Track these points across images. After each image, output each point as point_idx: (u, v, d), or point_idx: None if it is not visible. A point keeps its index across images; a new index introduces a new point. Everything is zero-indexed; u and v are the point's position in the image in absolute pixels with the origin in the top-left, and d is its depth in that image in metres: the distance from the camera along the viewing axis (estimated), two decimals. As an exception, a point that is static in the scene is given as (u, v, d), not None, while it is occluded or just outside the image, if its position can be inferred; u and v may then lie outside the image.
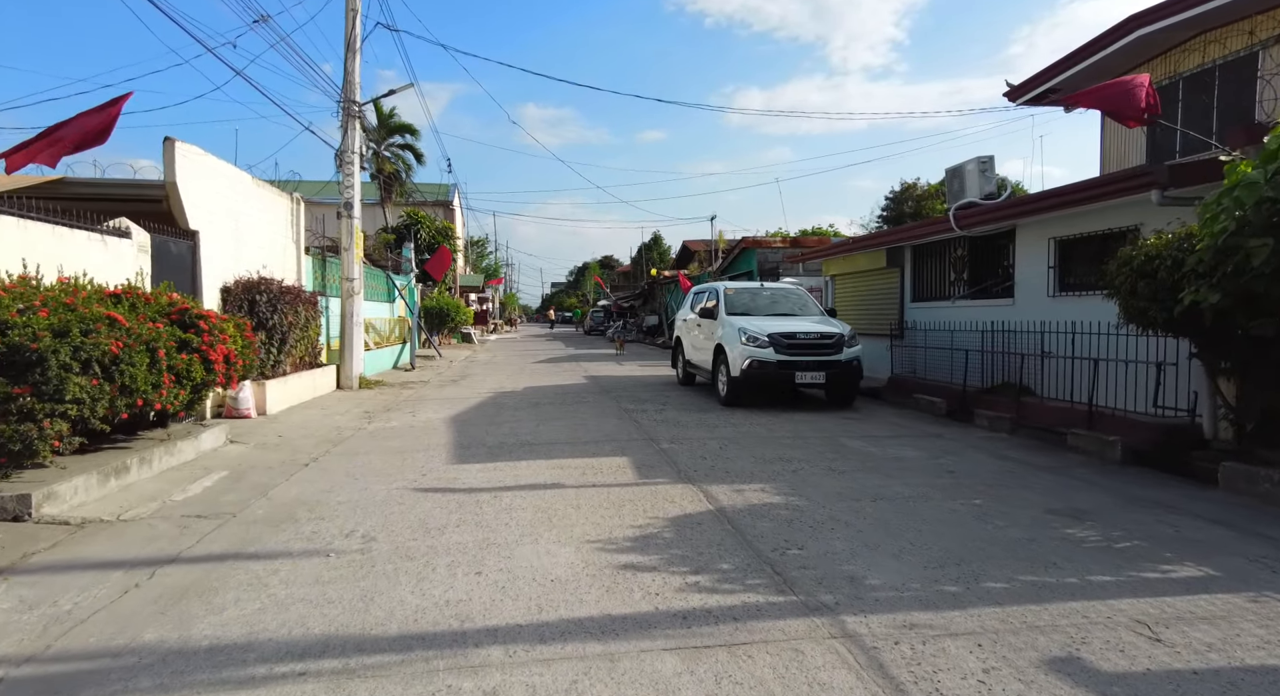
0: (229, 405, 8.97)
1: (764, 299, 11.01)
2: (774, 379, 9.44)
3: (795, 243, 20.49)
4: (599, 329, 42.67)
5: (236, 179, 9.84)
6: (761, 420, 8.72)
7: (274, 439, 7.67)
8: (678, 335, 13.12)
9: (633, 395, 11.48)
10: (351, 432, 8.12)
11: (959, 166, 10.21)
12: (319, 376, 11.57)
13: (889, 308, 12.48)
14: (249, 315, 9.36)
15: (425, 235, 26.98)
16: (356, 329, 12.73)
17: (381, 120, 27.46)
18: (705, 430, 7.98)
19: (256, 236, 10.49)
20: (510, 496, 5.16)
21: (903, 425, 8.49)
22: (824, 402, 10.49)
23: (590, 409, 9.85)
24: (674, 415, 9.18)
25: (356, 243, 12.68)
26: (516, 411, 9.64)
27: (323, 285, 13.61)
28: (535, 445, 7.18)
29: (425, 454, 6.79)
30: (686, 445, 7.10)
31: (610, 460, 6.41)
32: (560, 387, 12.76)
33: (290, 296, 10.25)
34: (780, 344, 9.35)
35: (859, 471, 5.97)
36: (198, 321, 6.25)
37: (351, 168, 12.39)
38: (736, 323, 9.91)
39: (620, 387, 12.69)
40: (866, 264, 12.97)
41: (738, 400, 9.80)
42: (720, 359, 10.11)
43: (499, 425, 8.47)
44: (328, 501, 5.10)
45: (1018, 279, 9.21)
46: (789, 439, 7.45)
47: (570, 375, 15.43)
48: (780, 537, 4.18)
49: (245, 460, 6.54)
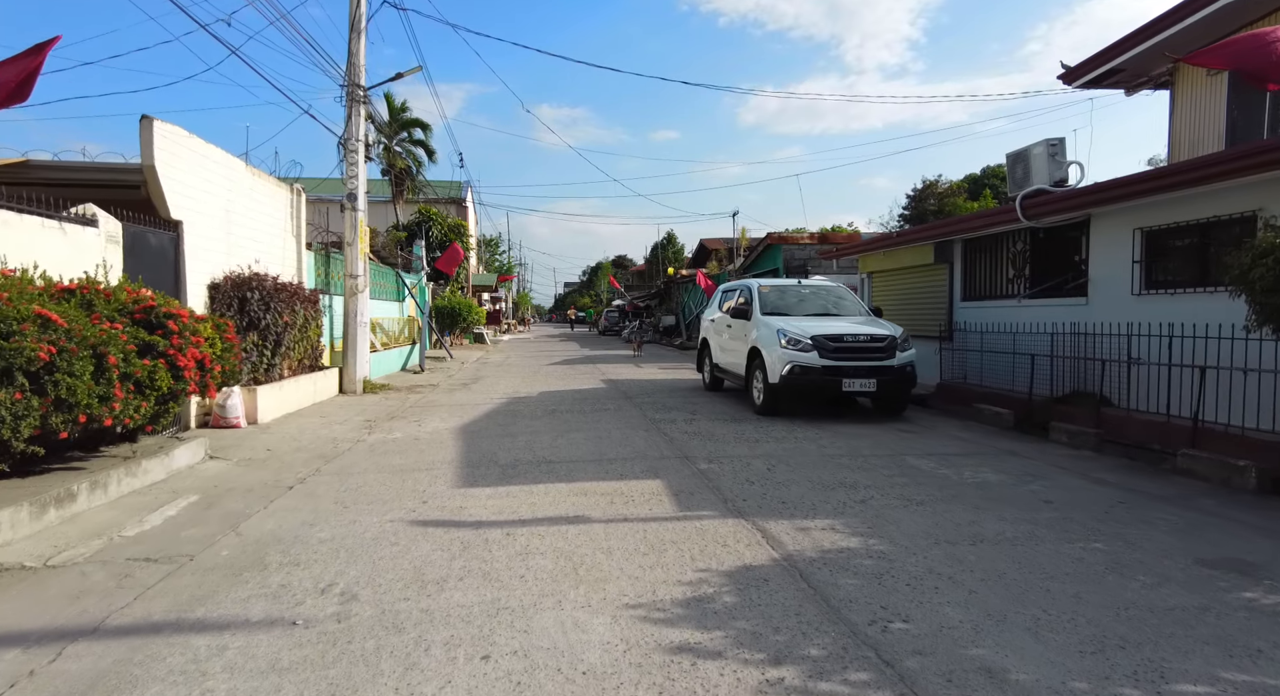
0: (216, 414, 8.15)
1: (802, 297, 10.06)
2: (817, 386, 8.49)
3: (823, 239, 19.47)
4: (614, 329, 41.77)
5: (228, 166, 9.02)
6: (807, 433, 7.77)
7: (261, 453, 6.83)
8: (704, 336, 12.19)
9: (657, 402, 10.56)
10: (349, 445, 7.26)
11: (1024, 151, 9.19)
12: (319, 380, 10.75)
13: (935, 307, 11.48)
14: (239, 314, 8.54)
15: (437, 233, 26.21)
16: (361, 329, 11.90)
17: (393, 114, 26.70)
18: (746, 446, 7.04)
19: (251, 229, 9.68)
20: (526, 534, 4.26)
21: (969, 440, 7.51)
22: (869, 410, 9.53)
23: (613, 418, 8.95)
24: (706, 426, 8.25)
25: (361, 237, 11.85)
26: (532, 421, 8.76)
27: (326, 282, 12.81)
28: (554, 464, 6.28)
29: (428, 474, 5.91)
30: (728, 465, 6.17)
31: (642, 484, 5.50)
32: (578, 393, 11.86)
33: (286, 294, 9.43)
34: (825, 347, 8.39)
35: (940, 501, 5.02)
36: (166, 321, 5.41)
37: (356, 156, 11.57)
38: (774, 323, 8.96)
39: (642, 393, 11.78)
40: (911, 260, 11.97)
41: (775, 409, 8.86)
42: (756, 363, 9.17)
43: (513, 437, 7.58)
44: (308, 539, 4.23)
45: (1092, 275, 8.20)
46: (845, 458, 6.50)
47: (587, 378, 14.55)
48: (875, 603, 3.25)
49: (223, 481, 5.69)
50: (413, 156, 27.61)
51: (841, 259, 15.13)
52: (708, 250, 40.99)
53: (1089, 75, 11.74)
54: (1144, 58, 10.99)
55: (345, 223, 11.76)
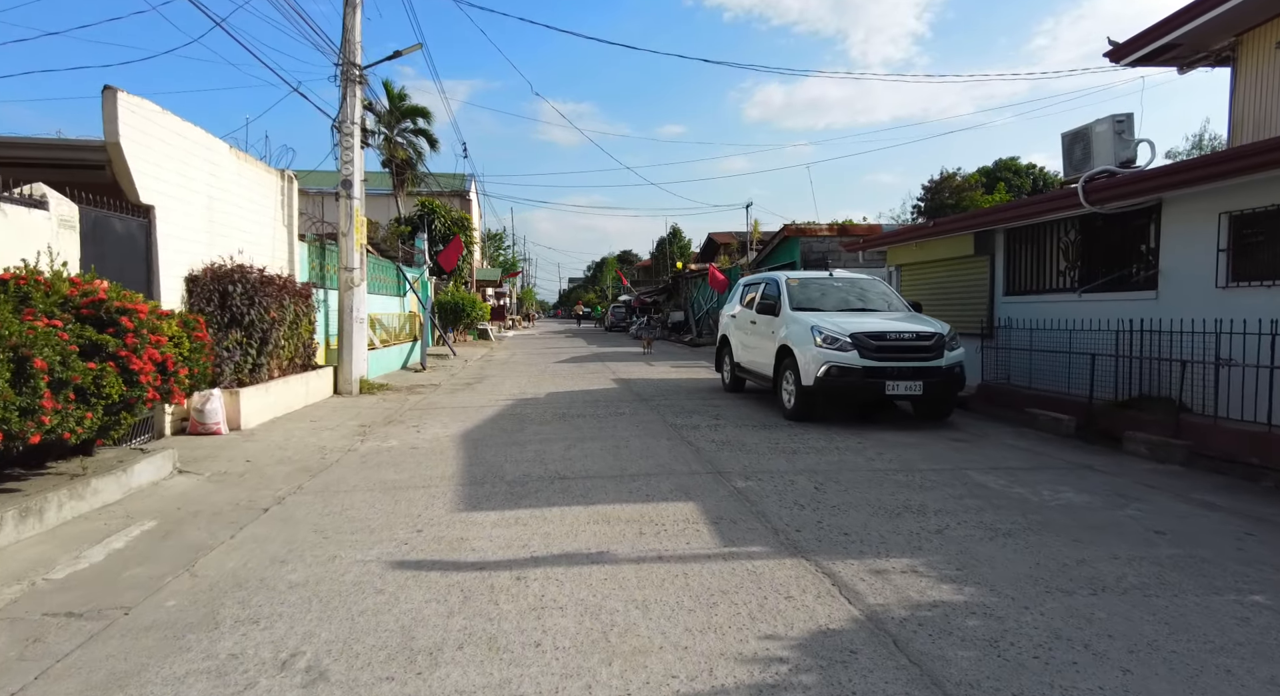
0: (194, 419, 7.40)
1: (834, 291, 9.24)
2: (857, 390, 7.68)
3: (843, 230, 18.62)
4: (620, 325, 40.99)
5: (209, 147, 8.25)
6: (849, 442, 6.97)
7: (239, 465, 6.07)
8: (722, 333, 11.39)
9: (675, 404, 9.77)
10: (338, 456, 6.50)
11: (1084, 129, 8.33)
12: (312, 381, 9.99)
13: (975, 303, 10.65)
14: (220, 310, 7.79)
15: (440, 226, 25.44)
16: (357, 326, 11.14)
17: (393, 103, 25.88)
18: (784, 458, 6.25)
19: (237, 218, 8.91)
20: (540, 579, 3.49)
21: (1031, 451, 6.71)
22: (907, 414, 8.72)
23: (629, 423, 8.16)
24: (734, 434, 7.46)
25: (357, 227, 11.08)
26: (542, 426, 7.98)
27: (321, 276, 12.06)
28: (569, 480, 5.50)
29: (425, 493, 5.14)
30: (769, 483, 5.38)
31: (673, 508, 4.71)
32: (589, 394, 11.08)
33: (274, 288, 8.67)
34: (866, 346, 7.58)
35: (1028, 530, 4.22)
36: (119, 317, 4.64)
37: (351, 140, 10.79)
38: (807, 320, 8.16)
39: (658, 394, 11.00)
40: (947, 251, 11.14)
41: (808, 414, 8.06)
42: (786, 363, 8.37)
43: (521, 447, 6.81)
44: (275, 582, 3.46)
45: (1164, 266, 7.37)
46: (900, 473, 5.71)
47: (598, 378, 13.77)
48: (1004, 689, 2.46)
49: (189, 501, 4.93)
50: (414, 147, 26.82)
51: (864, 251, 14.29)
52: (716, 244, 40.17)
53: (1140, 52, 10.87)
54: (1203, 31, 10.13)
55: (340, 212, 10.99)
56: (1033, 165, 51.98)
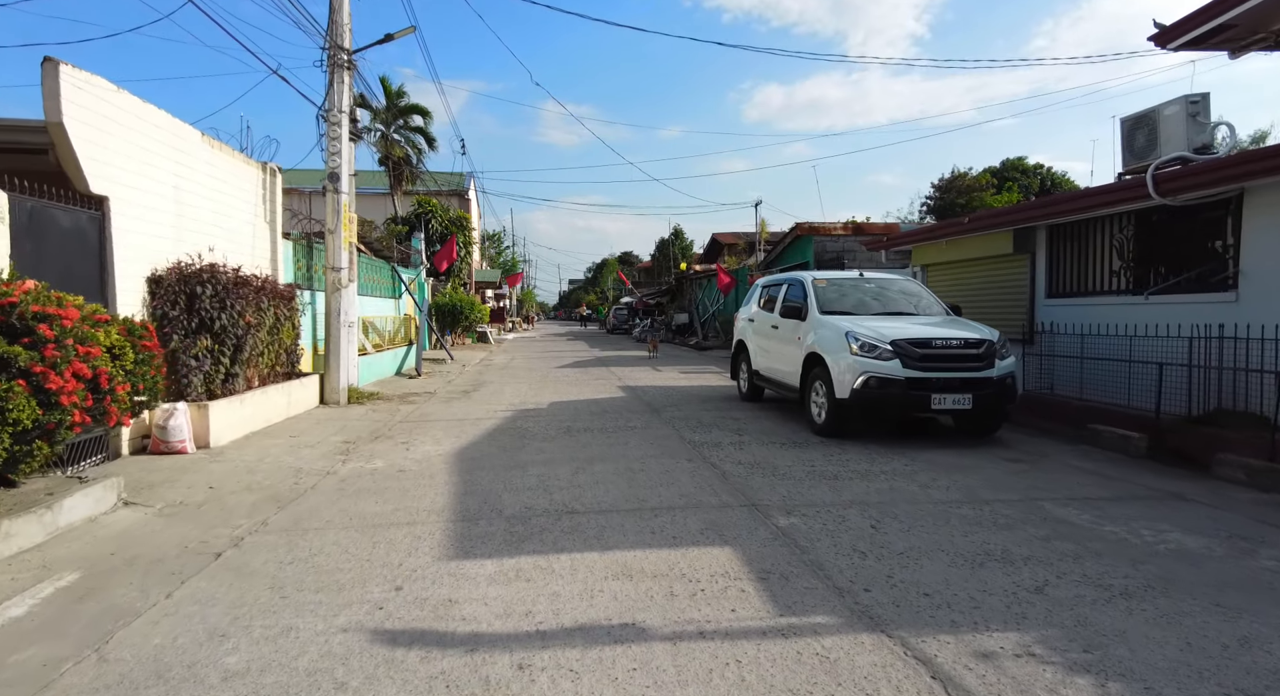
0: (155, 437, 6.59)
1: (866, 292, 8.43)
2: (898, 403, 6.88)
3: (858, 229, 17.82)
4: (623, 327, 40.18)
5: (177, 134, 7.45)
6: (893, 463, 6.16)
7: (199, 494, 5.27)
8: (739, 338, 10.58)
9: (690, 416, 8.96)
10: (315, 481, 5.70)
11: (1149, 113, 7.52)
12: (295, 390, 9.19)
13: (1012, 305, 9.85)
14: (187, 313, 6.98)
15: (438, 225, 24.65)
16: (345, 330, 10.34)
17: (390, 100, 25.08)
18: (825, 486, 5.44)
19: (210, 212, 8.12)
20: (550, 669, 2.68)
21: (1102, 474, 5.89)
22: (948, 427, 7.91)
23: (642, 440, 7.35)
24: (761, 453, 6.65)
25: (345, 223, 10.28)
26: (545, 444, 7.17)
27: (308, 277, 11.26)
28: (578, 515, 4.69)
29: (409, 533, 4.33)
30: (815, 519, 4.57)
31: (707, 556, 3.90)
32: (595, 404, 10.28)
33: (250, 289, 7.86)
34: (909, 354, 6.77)
35: (1153, 590, 3.41)
36: (37, 325, 3.83)
37: (339, 130, 9.99)
38: (840, 324, 7.35)
39: (669, 403, 10.19)
40: (981, 249, 10.34)
41: (841, 429, 7.25)
42: (815, 373, 7.56)
43: (522, 470, 6.00)
44: (206, 673, 2.66)
45: (1246, 265, 6.57)
46: (964, 505, 4.90)
47: (603, 385, 12.96)
48: None
49: (126, 545, 4.13)
50: (411, 144, 26.02)
51: (887, 250, 13.47)
52: (721, 244, 39.41)
53: (1190, 34, 10.00)
54: (1265, 10, 9.34)
55: (327, 207, 10.19)
56: (1040, 165, 51.43)
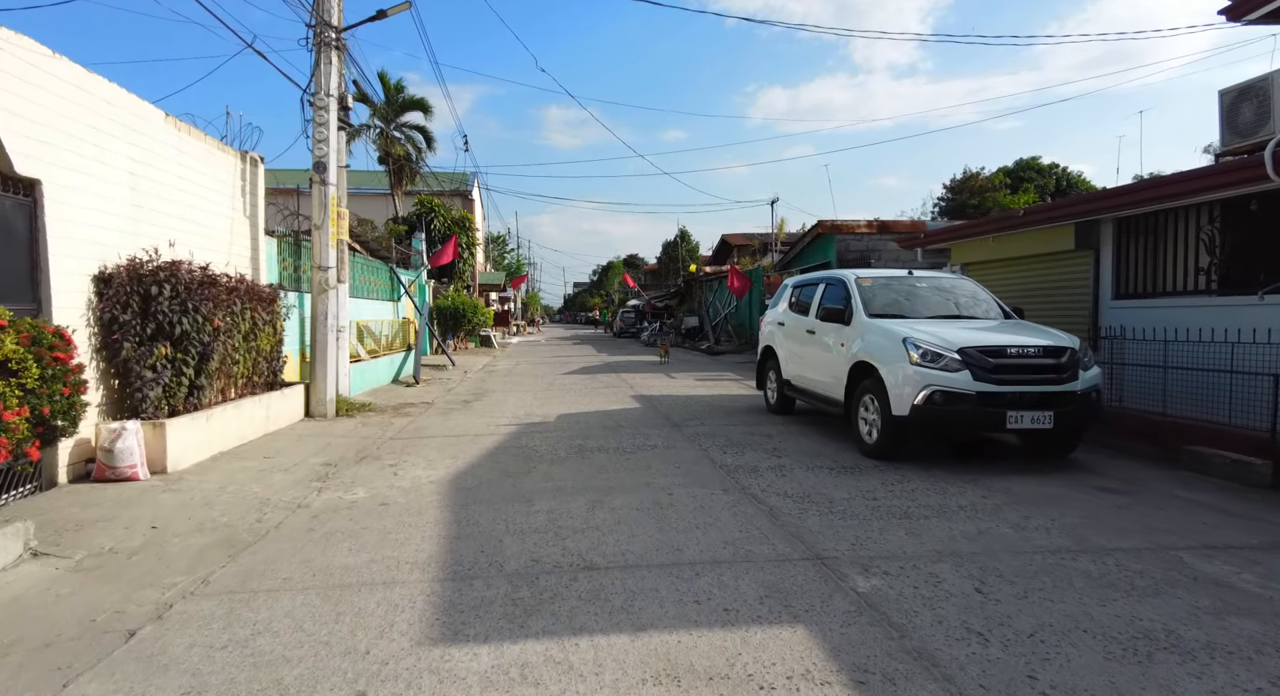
0: (100, 461, 5.66)
1: (918, 293, 7.45)
2: (967, 422, 5.90)
3: (883, 227, 16.83)
4: (630, 331, 39.19)
5: (135, 112, 6.54)
6: (968, 494, 5.18)
7: (136, 537, 4.33)
8: (766, 344, 9.61)
9: (716, 432, 7.99)
10: (281, 517, 4.76)
11: (1257, 83, 6.51)
12: (275, 403, 8.25)
13: (1071, 307, 8.87)
14: (141, 317, 6.05)
15: (440, 225, 23.73)
16: (332, 335, 9.40)
17: (389, 96, 24.19)
18: (898, 526, 4.46)
19: (176, 204, 7.20)
20: None
21: (1225, 510, 4.90)
22: (1012, 445, 6.93)
23: (666, 463, 6.39)
24: (809, 480, 5.68)
25: (333, 217, 9.35)
26: (554, 468, 6.22)
27: (295, 278, 10.36)
28: (599, 573, 3.73)
29: (385, 598, 3.38)
30: (902, 579, 3.59)
31: (775, 640, 2.93)
32: (608, 417, 9.31)
33: (220, 290, 6.95)
34: (980, 365, 5.79)
35: None
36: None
37: (326, 115, 9.07)
38: (897, 330, 6.37)
39: (690, 416, 9.22)
40: (1034, 246, 9.35)
41: (896, 450, 6.27)
42: (865, 385, 6.58)
43: (528, 503, 5.04)
44: None
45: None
46: (1078, 555, 3.91)
47: (614, 394, 11.99)
48: None
49: (8, 622, 3.18)
50: (412, 142, 25.15)
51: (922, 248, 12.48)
52: (730, 246, 38.46)
53: (1269, 6, 9.09)
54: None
55: (313, 200, 9.27)
56: (1055, 164, 50.53)
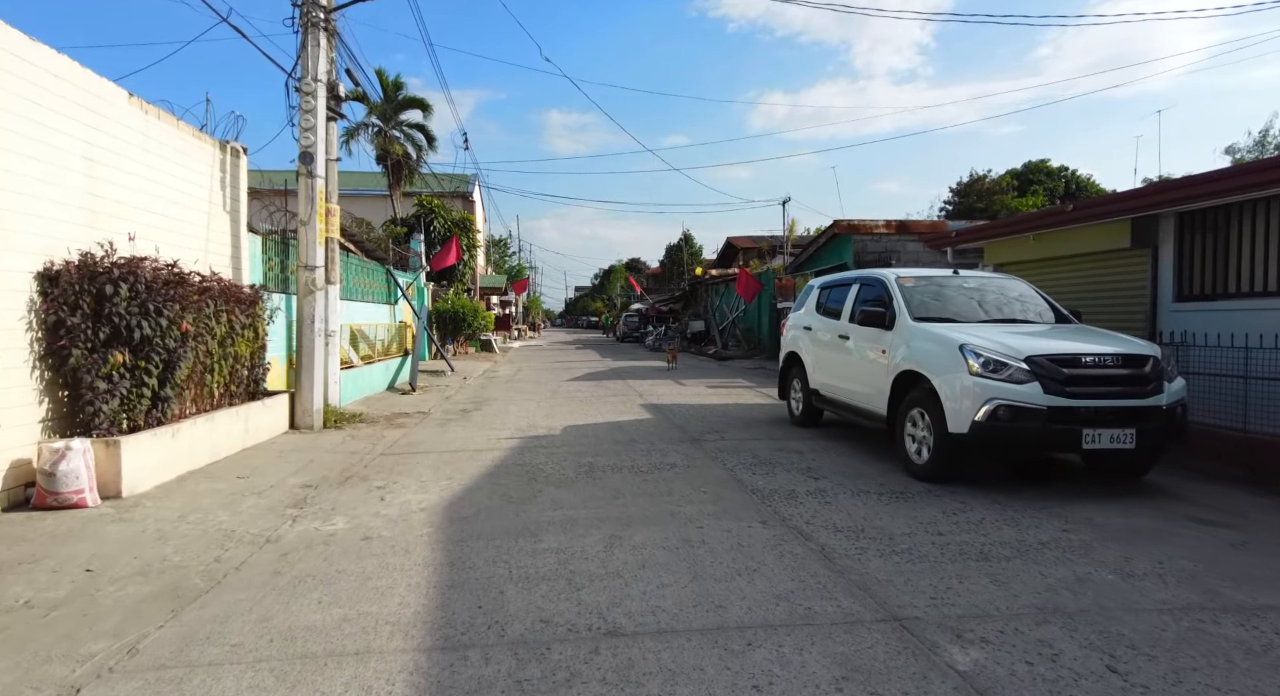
0: (40, 487, 4.92)
1: (967, 295, 6.71)
2: (1037, 440, 5.16)
3: (902, 227, 16.11)
4: (634, 336, 38.45)
5: (89, 89, 5.83)
6: (1045, 527, 4.43)
7: (63, 585, 3.60)
8: (790, 350, 8.87)
9: (740, 448, 7.25)
10: (244, 556, 4.02)
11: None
12: (256, 415, 7.51)
13: (1124, 311, 8.13)
14: (93, 320, 5.32)
15: (440, 226, 23.04)
16: (319, 340, 8.67)
17: (388, 93, 23.51)
18: (979, 572, 3.71)
19: (142, 194, 6.49)
20: None
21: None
22: (1072, 467, 6.18)
23: (690, 485, 5.64)
24: (856, 509, 4.93)
25: (320, 213, 8.63)
26: (562, 491, 5.47)
27: (282, 279, 9.64)
28: (624, 640, 2.98)
29: (356, 674, 2.63)
30: (1009, 651, 2.84)
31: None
32: (618, 429, 8.57)
33: (188, 289, 6.22)
34: (1052, 376, 5.05)
35: None
36: None
37: (314, 101, 8.36)
38: (949, 335, 5.63)
39: (708, 428, 8.48)
40: (1083, 244, 8.62)
41: (951, 472, 5.53)
42: (912, 397, 5.83)
43: (534, 538, 4.30)
44: None
45: None
46: (1220, 613, 3.17)
47: (623, 402, 11.25)
48: None
49: None
50: (412, 141, 24.48)
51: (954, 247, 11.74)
52: (736, 248, 37.77)
53: None
54: None
55: (299, 194, 8.55)
56: (1064, 167, 49.98)
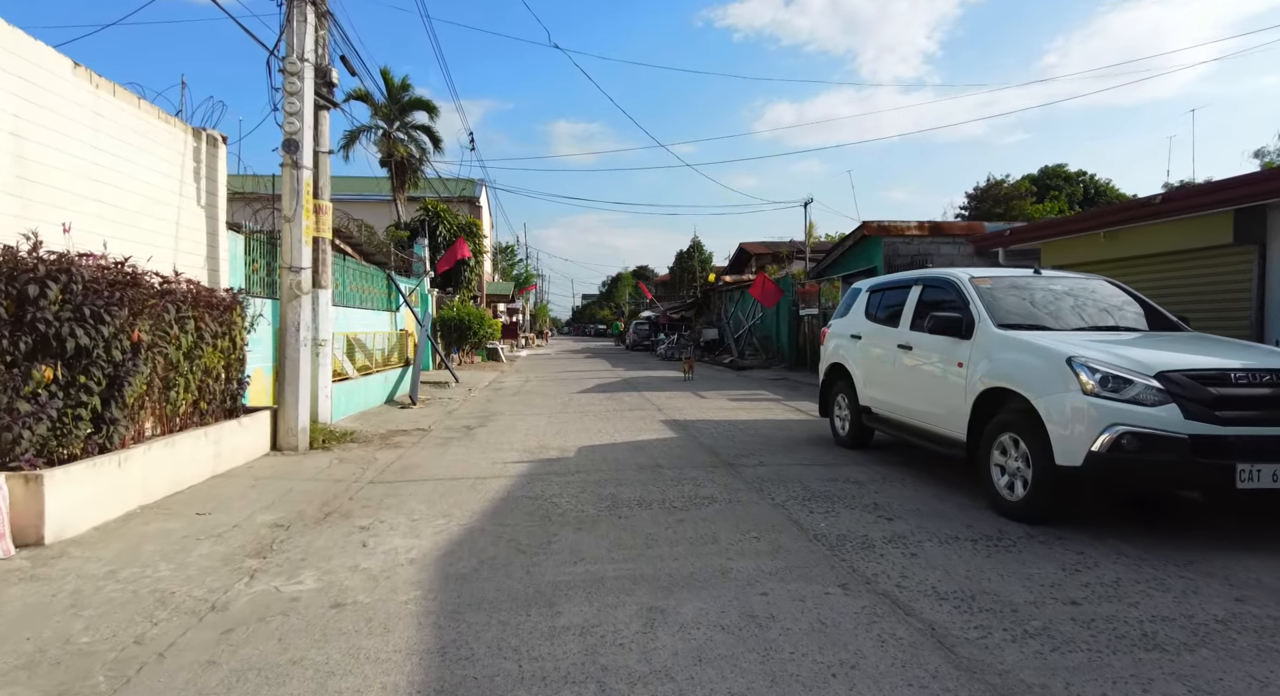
0: (-64, 533, 3.98)
1: (1055, 298, 5.71)
2: (1175, 476, 4.15)
3: (936, 229, 15.12)
4: (644, 344, 37.48)
5: (20, 52, 4.95)
6: (1211, 594, 3.42)
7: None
8: (834, 362, 7.88)
9: (786, 475, 6.25)
10: (174, 636, 3.07)
11: None
12: (230, 436, 6.58)
13: (1222, 315, 7.12)
14: (14, 327, 4.40)
15: (445, 231, 22.19)
16: (305, 350, 7.74)
17: (392, 93, 22.73)
18: (1168, 673, 2.70)
19: (91, 182, 5.60)
20: None
21: None
22: (1186, 501, 5.16)
23: (738, 530, 4.66)
24: (957, 565, 3.93)
25: (307, 208, 7.72)
26: (582, 536, 4.49)
27: (269, 282, 8.75)
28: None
29: None
30: None
31: None
32: (640, 450, 7.59)
33: (141, 291, 5.30)
34: (1194, 396, 4.05)
35: None
36: None
37: (300, 84, 7.46)
38: (1051, 346, 4.63)
39: (742, 450, 7.49)
40: (1170, 241, 7.61)
41: (1054, 512, 4.52)
42: (1002, 420, 4.83)
43: (551, 610, 3.32)
44: None
45: None
46: None
47: (641, 418, 10.27)
48: None
49: None
50: (416, 144, 23.68)
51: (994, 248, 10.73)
52: (749, 254, 36.80)
53: None
54: None
55: (283, 187, 7.64)
56: (1083, 172, 49.01)
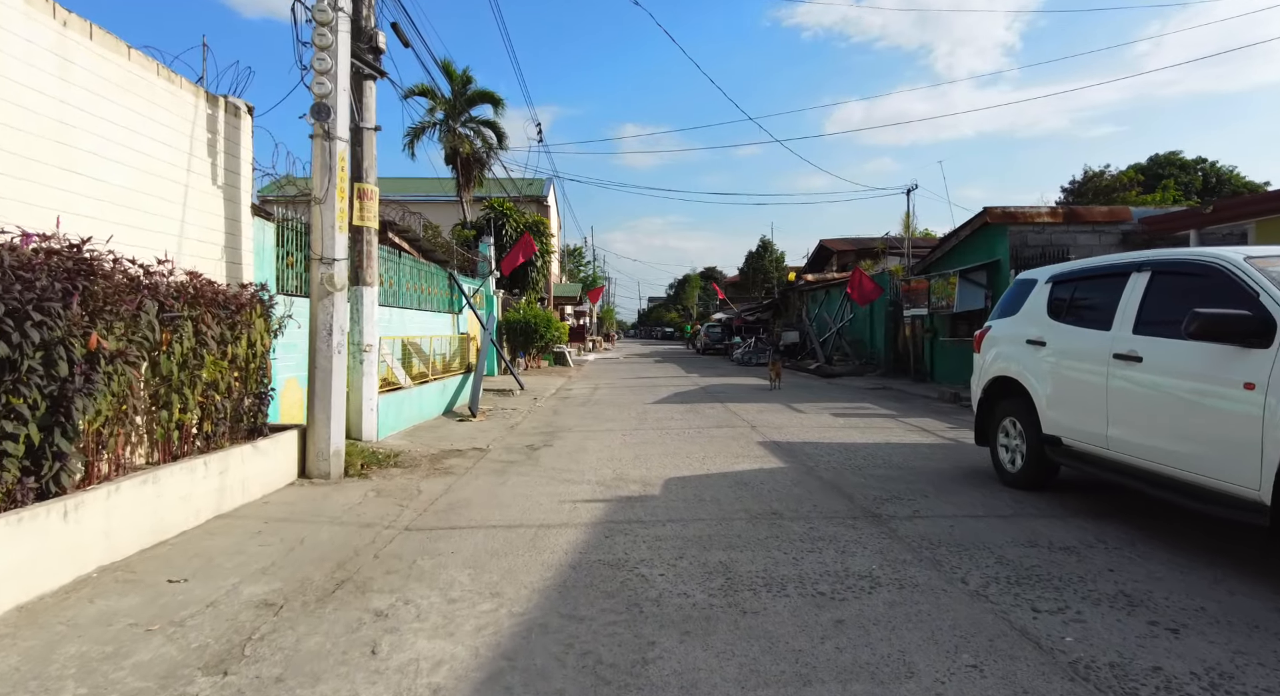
0: None
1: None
2: None
3: (1071, 216, 12.90)
4: (716, 347, 35.71)
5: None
6: None
7: None
8: (999, 375, 6.06)
9: (962, 538, 4.52)
10: None
11: None
12: (238, 464, 5.33)
13: None
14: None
15: (511, 231, 21.13)
16: (339, 358, 6.48)
17: (456, 88, 21.83)
18: None
19: (62, 148, 4.42)
20: None
21: None
22: None
23: (934, 644, 2.99)
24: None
25: (341, 188, 6.46)
26: (692, 649, 2.90)
27: (307, 280, 7.59)
28: None
29: None
30: None
31: None
32: (744, 486, 5.96)
33: (108, 284, 4.06)
34: None
35: None
36: None
37: (331, 37, 6.21)
38: None
39: (881, 490, 5.76)
40: None
41: None
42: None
43: None
44: None
45: None
46: None
47: (734, 438, 8.62)
48: None
49: None
50: (482, 139, 22.73)
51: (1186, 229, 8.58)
52: (829, 251, 34.54)
53: None
54: None
55: (314, 162, 6.40)
56: (1202, 159, 44.30)
